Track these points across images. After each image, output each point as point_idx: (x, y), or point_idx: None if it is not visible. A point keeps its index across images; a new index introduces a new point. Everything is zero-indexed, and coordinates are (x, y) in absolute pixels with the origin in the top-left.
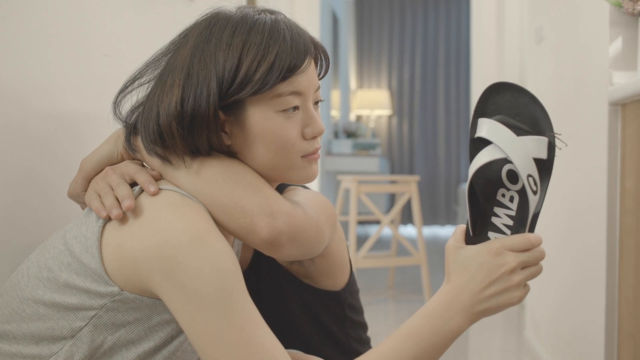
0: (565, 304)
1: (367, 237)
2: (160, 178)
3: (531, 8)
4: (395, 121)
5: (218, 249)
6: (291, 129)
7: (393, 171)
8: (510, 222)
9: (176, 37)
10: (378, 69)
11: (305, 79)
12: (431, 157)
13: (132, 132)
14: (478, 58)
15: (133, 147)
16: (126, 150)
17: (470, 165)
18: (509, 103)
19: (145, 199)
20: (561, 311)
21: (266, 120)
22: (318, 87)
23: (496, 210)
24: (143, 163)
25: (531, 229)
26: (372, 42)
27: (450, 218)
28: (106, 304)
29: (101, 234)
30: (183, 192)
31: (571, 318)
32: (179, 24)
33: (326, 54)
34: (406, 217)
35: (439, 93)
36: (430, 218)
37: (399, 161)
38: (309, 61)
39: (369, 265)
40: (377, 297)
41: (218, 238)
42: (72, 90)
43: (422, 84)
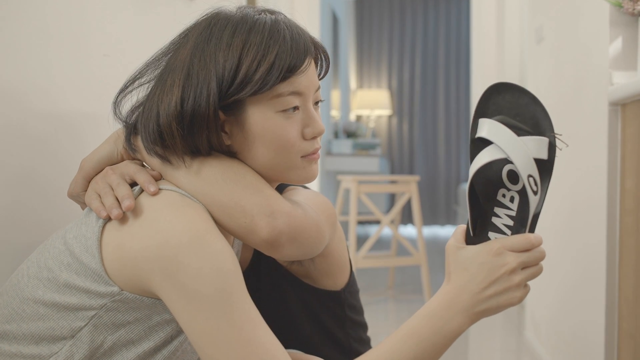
0: (565, 304)
1: (367, 237)
2: (160, 178)
3: (531, 8)
4: (395, 121)
5: (218, 249)
6: (291, 129)
7: (393, 171)
8: (510, 223)
9: (176, 37)
10: (378, 69)
11: (305, 79)
12: (431, 157)
13: (132, 132)
14: (478, 58)
15: (133, 147)
16: (126, 150)
17: (470, 165)
18: (510, 103)
19: (145, 199)
20: (561, 311)
21: (266, 120)
22: (318, 87)
23: (496, 210)
24: (143, 163)
25: (531, 229)
26: (372, 42)
27: (450, 218)
28: (106, 304)
29: (101, 234)
30: (183, 192)
31: (571, 318)
32: (179, 24)
33: (326, 54)
34: (406, 217)
35: (439, 93)
36: (430, 218)
37: (399, 161)
38: (309, 61)
39: (369, 265)
40: (377, 297)
41: (218, 238)
42: (72, 90)
43: (422, 84)
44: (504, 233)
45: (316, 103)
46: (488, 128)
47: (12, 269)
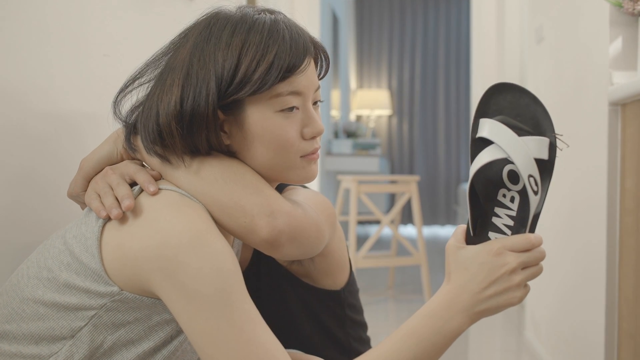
0: (565, 304)
1: (367, 237)
2: (160, 178)
3: (531, 8)
4: (395, 121)
5: (218, 249)
6: (290, 129)
7: (393, 171)
8: (510, 223)
9: (176, 37)
10: (378, 69)
11: (304, 79)
12: (431, 157)
13: (132, 132)
14: (478, 58)
15: (133, 147)
16: (126, 150)
17: (471, 165)
18: (510, 104)
19: (145, 199)
20: (561, 311)
21: (265, 120)
22: (318, 87)
23: (497, 210)
24: (143, 163)
25: (532, 230)
26: (372, 42)
27: (450, 218)
28: (106, 304)
29: (101, 234)
30: (183, 192)
31: (571, 318)
32: (179, 24)
33: (326, 54)
34: (406, 217)
35: (439, 93)
36: (430, 218)
37: (399, 161)
38: (309, 61)
39: (369, 265)
40: (377, 297)
41: (218, 238)
42: (72, 90)
43: (422, 84)
44: (504, 233)
45: (315, 103)
46: (489, 128)
47: (12, 269)
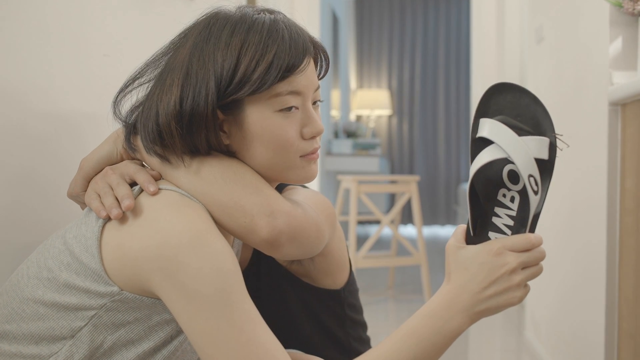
0: (565, 304)
1: (367, 237)
2: (159, 178)
3: (531, 8)
4: (395, 121)
5: (218, 249)
6: (290, 129)
7: (393, 171)
8: (510, 222)
9: (176, 37)
10: (378, 69)
11: (304, 79)
12: (431, 157)
13: (132, 132)
14: (478, 58)
15: (133, 147)
16: (126, 150)
17: (471, 165)
18: (511, 103)
19: (144, 199)
20: (561, 311)
21: (264, 119)
22: (317, 87)
23: (497, 210)
24: (143, 163)
25: (532, 229)
26: (372, 42)
27: (450, 218)
28: (106, 304)
29: (101, 234)
30: (183, 192)
31: (571, 318)
32: (179, 24)
33: (326, 54)
34: (406, 217)
35: (439, 93)
36: (430, 218)
37: (399, 161)
38: (308, 61)
39: (369, 265)
40: (377, 297)
41: (218, 238)
42: (72, 90)
43: (422, 84)
44: (504, 233)
45: (315, 103)
46: (489, 128)
47: (12, 269)
